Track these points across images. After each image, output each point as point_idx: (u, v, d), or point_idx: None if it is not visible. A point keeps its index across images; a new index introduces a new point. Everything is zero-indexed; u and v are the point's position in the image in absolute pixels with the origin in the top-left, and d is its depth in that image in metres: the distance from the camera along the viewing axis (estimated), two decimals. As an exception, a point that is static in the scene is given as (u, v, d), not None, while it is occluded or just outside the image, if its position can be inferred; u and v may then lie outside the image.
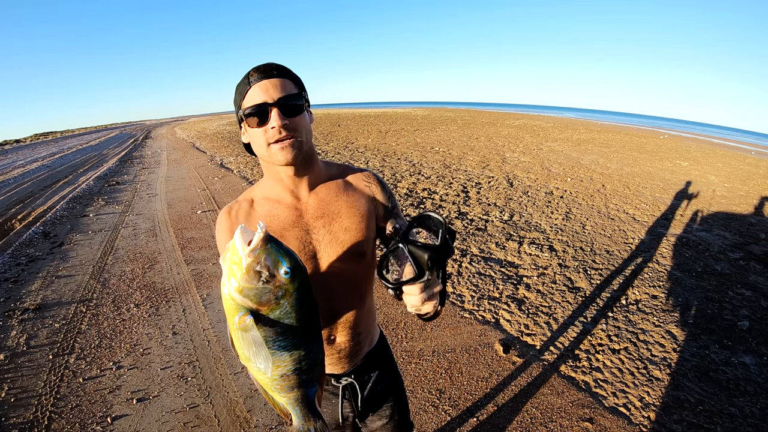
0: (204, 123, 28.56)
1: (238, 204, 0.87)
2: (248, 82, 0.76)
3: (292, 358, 0.63)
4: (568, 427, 1.89)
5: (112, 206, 5.99)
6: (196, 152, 11.85)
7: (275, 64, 0.78)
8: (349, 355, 0.95)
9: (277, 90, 0.74)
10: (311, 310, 0.64)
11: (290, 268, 0.58)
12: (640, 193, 6.04)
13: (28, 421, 1.96)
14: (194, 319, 2.81)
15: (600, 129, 17.22)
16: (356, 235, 0.86)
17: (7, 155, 15.89)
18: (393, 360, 1.10)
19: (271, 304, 0.58)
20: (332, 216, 0.85)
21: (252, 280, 0.56)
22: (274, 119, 0.73)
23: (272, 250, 0.57)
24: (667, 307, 2.92)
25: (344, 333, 0.92)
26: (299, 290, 0.60)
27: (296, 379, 0.66)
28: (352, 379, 0.97)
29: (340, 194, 0.88)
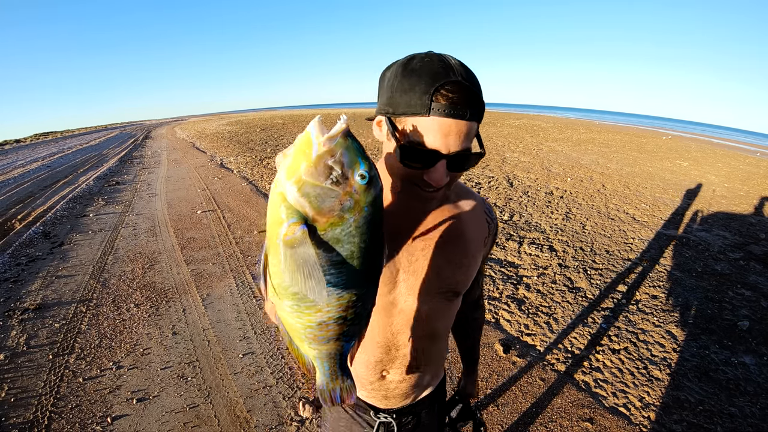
0: (204, 123, 28.56)
1: None
2: (429, 106, 0.53)
3: (339, 302, 0.49)
4: (568, 427, 1.89)
5: (112, 206, 5.98)
6: (196, 152, 11.85)
7: (472, 93, 0.54)
8: (399, 396, 0.82)
9: (459, 139, 0.55)
10: (378, 243, 0.50)
11: (367, 173, 0.45)
12: (640, 193, 6.04)
13: (28, 421, 1.96)
14: (194, 319, 2.81)
15: (600, 129, 17.22)
16: (457, 272, 0.72)
17: (7, 155, 15.89)
18: (443, 411, 0.98)
19: (333, 215, 0.45)
20: (437, 241, 0.70)
21: (319, 175, 0.43)
22: (437, 177, 0.57)
23: (352, 147, 0.45)
24: (667, 307, 2.92)
25: (400, 372, 0.79)
26: (371, 207, 0.47)
27: (336, 330, 0.52)
28: (392, 419, 0.85)
29: (455, 219, 0.71)
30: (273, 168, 8.12)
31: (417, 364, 0.79)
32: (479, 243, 0.75)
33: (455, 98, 0.53)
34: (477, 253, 0.75)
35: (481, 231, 0.75)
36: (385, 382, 0.81)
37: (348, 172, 0.44)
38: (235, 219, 4.99)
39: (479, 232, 0.75)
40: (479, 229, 0.75)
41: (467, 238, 0.73)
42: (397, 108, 0.57)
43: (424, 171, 0.58)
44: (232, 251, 3.97)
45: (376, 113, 0.64)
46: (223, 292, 3.17)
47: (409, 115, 0.56)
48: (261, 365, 2.33)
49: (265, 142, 12.80)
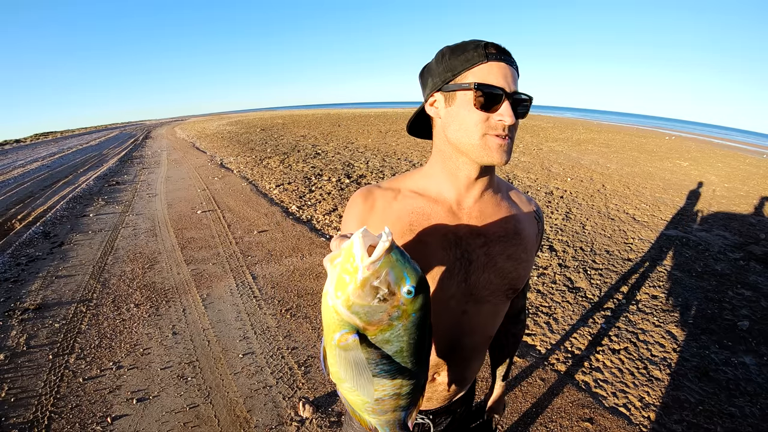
0: (204, 123, 28.56)
1: (380, 190, 0.72)
2: (485, 54, 0.61)
3: (393, 384, 0.54)
4: (568, 427, 1.89)
5: (112, 206, 5.99)
6: (196, 152, 11.85)
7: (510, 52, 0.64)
8: (442, 397, 0.82)
9: (515, 82, 0.62)
10: (425, 335, 0.54)
11: (414, 287, 0.47)
12: (640, 193, 6.04)
13: (28, 421, 1.96)
14: (194, 319, 2.81)
15: (600, 129, 17.23)
16: (518, 267, 0.72)
17: (7, 155, 15.89)
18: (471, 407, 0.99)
19: (382, 324, 0.49)
20: (496, 236, 0.70)
21: (366, 296, 0.46)
22: (507, 112, 0.60)
23: (397, 264, 0.47)
24: (667, 307, 2.92)
25: (451, 374, 0.78)
26: (419, 312, 0.50)
27: (393, 404, 0.57)
28: (429, 420, 0.85)
29: (510, 216, 0.72)
30: (272, 168, 8.12)
31: (467, 366, 0.80)
32: (533, 239, 0.76)
33: (501, 49, 0.63)
34: (532, 249, 0.76)
35: (532, 228, 0.76)
36: (434, 384, 0.80)
37: (395, 288, 0.47)
38: (235, 219, 4.99)
39: (532, 229, 0.76)
40: (531, 227, 0.76)
41: (523, 234, 0.73)
42: (456, 68, 0.63)
43: (494, 113, 0.61)
44: (232, 251, 3.97)
45: (426, 99, 0.69)
46: (223, 292, 3.17)
47: (468, 69, 0.62)
48: (261, 365, 2.33)
49: (265, 142, 12.81)
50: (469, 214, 0.70)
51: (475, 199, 0.70)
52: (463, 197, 0.70)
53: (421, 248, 0.67)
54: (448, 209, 0.69)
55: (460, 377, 0.80)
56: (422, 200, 0.70)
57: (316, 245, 4.06)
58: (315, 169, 7.69)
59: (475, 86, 0.60)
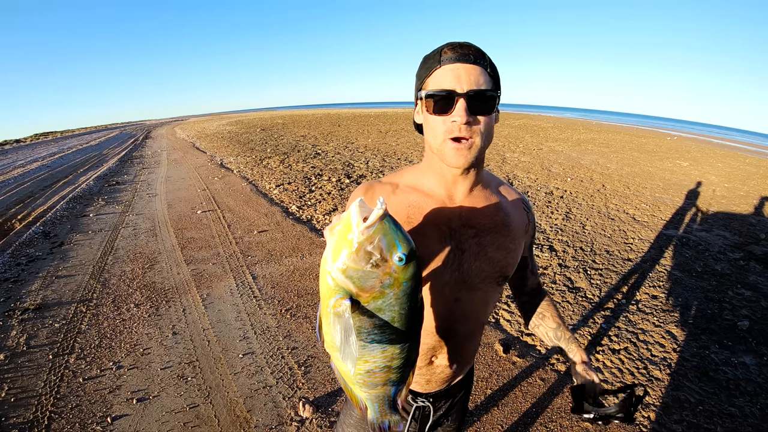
0: (204, 123, 28.56)
1: (380, 185, 0.77)
2: (439, 60, 0.65)
3: (383, 355, 0.57)
4: (568, 427, 1.89)
5: (112, 206, 5.99)
6: (196, 152, 11.85)
7: (474, 47, 0.66)
8: (441, 380, 0.86)
9: (470, 79, 0.63)
10: (416, 307, 0.57)
11: (405, 254, 0.50)
12: (640, 193, 6.04)
13: (28, 421, 1.96)
14: (194, 319, 2.81)
15: (600, 129, 17.23)
16: (507, 256, 0.77)
17: (7, 155, 15.89)
18: (470, 392, 1.02)
19: (374, 291, 0.51)
20: (486, 228, 0.75)
21: (360, 261, 0.49)
22: (458, 112, 0.63)
23: (390, 231, 0.50)
24: (667, 307, 2.92)
25: (448, 358, 0.83)
26: (410, 282, 0.53)
27: (383, 377, 0.60)
28: (429, 402, 0.89)
29: (499, 208, 0.77)
30: (272, 168, 8.12)
31: (463, 350, 0.84)
32: (521, 230, 0.81)
33: (458, 46, 0.65)
34: (520, 239, 0.81)
35: (521, 219, 0.81)
36: (432, 367, 0.84)
37: (387, 255, 0.50)
38: (235, 219, 4.99)
39: (520, 220, 0.81)
40: (520, 217, 0.81)
41: (511, 225, 0.78)
42: (422, 76, 0.69)
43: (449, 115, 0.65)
44: (232, 251, 3.97)
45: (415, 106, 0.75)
46: (223, 292, 3.17)
47: (429, 76, 0.67)
48: (261, 365, 2.33)
49: (265, 142, 12.81)
50: (460, 207, 0.74)
51: (465, 194, 0.75)
52: (453, 192, 0.74)
53: (419, 239, 0.71)
54: (441, 203, 0.74)
55: (458, 360, 0.85)
56: (417, 194, 0.75)
57: (316, 245, 4.06)
58: (315, 169, 7.69)
59: (426, 95, 0.66)
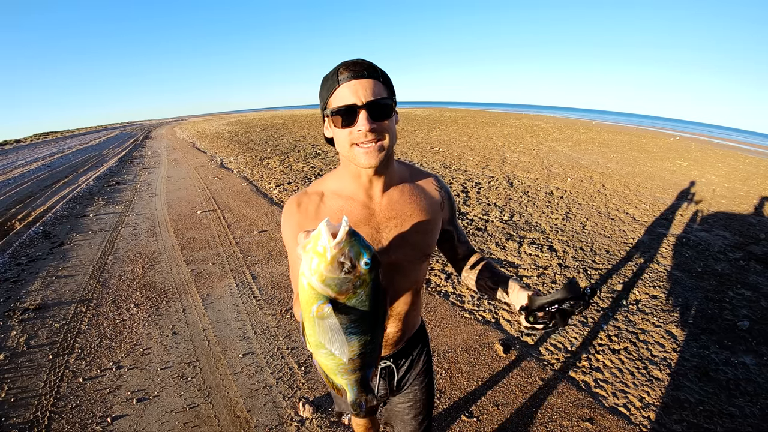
0: (204, 123, 28.56)
1: (307, 196, 0.87)
2: (337, 80, 0.75)
3: (360, 343, 0.67)
4: (568, 427, 1.89)
5: (112, 206, 5.99)
6: (196, 152, 11.85)
7: (366, 63, 0.76)
8: (394, 342, 0.99)
9: (367, 92, 0.74)
10: (381, 298, 0.68)
11: (370, 259, 0.61)
12: (640, 193, 6.04)
13: (28, 421, 1.96)
14: (194, 319, 2.81)
15: (600, 129, 17.22)
16: (425, 237, 0.90)
17: (7, 155, 15.88)
18: (428, 343, 1.13)
19: (349, 293, 0.62)
20: (404, 217, 0.87)
21: (335, 270, 0.59)
22: (361, 122, 0.74)
23: (356, 243, 0.60)
24: (667, 307, 2.92)
25: (395, 324, 0.97)
26: (375, 279, 0.64)
27: (360, 362, 0.70)
28: (390, 362, 1.02)
29: (413, 197, 0.89)
30: (272, 168, 8.12)
31: (405, 316, 0.98)
32: (436, 209, 0.93)
33: (351, 66, 0.75)
34: (437, 218, 0.93)
35: (434, 200, 0.93)
36: (385, 334, 0.95)
37: (356, 262, 0.60)
38: (235, 219, 4.99)
39: (434, 200, 0.93)
40: (433, 199, 0.93)
41: (426, 208, 0.90)
42: (323, 97, 0.79)
43: (354, 126, 0.74)
44: (232, 251, 3.97)
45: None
46: (223, 292, 3.17)
47: (330, 96, 0.76)
48: (261, 365, 2.33)
49: (265, 142, 12.81)
50: (380, 204, 0.86)
51: (382, 192, 0.86)
52: (371, 192, 0.85)
53: None
54: (363, 204, 0.85)
55: (402, 326, 0.99)
56: (342, 200, 0.85)
57: (316, 245, 4.05)
58: (315, 169, 7.69)
59: (332, 112, 0.76)
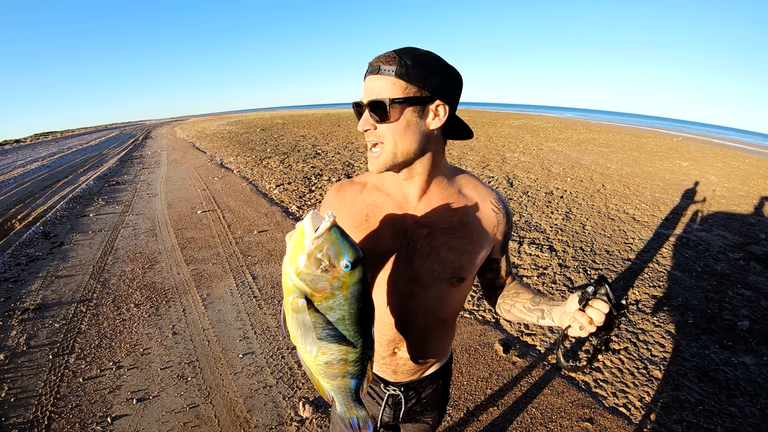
0: (204, 123, 28.55)
1: (350, 184, 0.83)
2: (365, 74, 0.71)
3: (338, 349, 0.64)
4: (568, 427, 1.89)
5: (112, 206, 5.99)
6: (196, 152, 11.85)
7: (390, 55, 0.66)
8: (407, 372, 0.90)
9: (372, 90, 0.68)
10: (365, 308, 0.64)
11: (351, 261, 0.57)
12: (640, 193, 6.04)
13: (28, 421, 1.96)
14: (194, 319, 2.81)
15: (600, 129, 17.22)
16: (461, 258, 0.77)
17: (7, 155, 15.88)
18: (448, 387, 1.03)
19: (325, 292, 0.59)
20: (440, 229, 0.76)
21: (311, 266, 0.57)
22: (361, 123, 0.70)
23: (337, 241, 0.57)
24: (667, 307, 2.92)
25: (409, 351, 0.86)
26: (356, 285, 0.60)
27: (341, 369, 0.67)
28: (400, 392, 0.92)
29: (458, 208, 0.78)
30: (272, 168, 8.12)
31: (425, 345, 0.87)
32: (485, 231, 0.80)
33: (375, 61, 0.68)
34: (483, 241, 0.80)
35: (487, 220, 0.80)
36: (396, 358, 0.87)
37: (335, 261, 0.57)
38: (235, 219, 4.99)
39: (485, 221, 0.80)
40: (485, 218, 0.80)
41: (471, 227, 0.78)
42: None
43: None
44: (232, 251, 3.97)
45: None
46: (223, 292, 3.17)
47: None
48: (261, 365, 2.33)
49: (265, 142, 12.80)
50: (415, 207, 0.77)
51: (420, 194, 0.77)
52: (407, 192, 0.77)
53: (373, 235, 0.78)
54: (397, 203, 0.78)
55: (420, 355, 0.87)
56: (378, 194, 0.79)
57: (316, 245, 4.05)
58: (315, 169, 7.69)
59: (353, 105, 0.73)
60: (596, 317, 0.66)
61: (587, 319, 0.67)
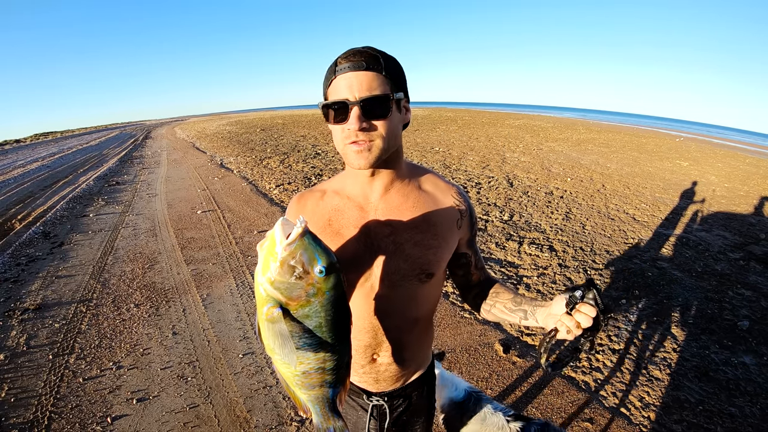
0: (204, 123, 28.55)
1: (310, 193, 0.83)
2: (334, 71, 0.68)
3: (316, 357, 0.62)
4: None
5: (112, 206, 5.99)
6: (196, 152, 11.85)
7: (369, 52, 0.67)
8: (389, 378, 0.88)
9: (362, 87, 0.66)
10: (342, 314, 0.62)
11: (325, 267, 0.56)
12: (640, 193, 6.04)
13: (28, 421, 1.96)
14: (194, 319, 2.81)
15: (600, 129, 17.22)
16: (426, 253, 0.77)
17: (7, 155, 15.89)
18: (433, 394, 1.02)
19: (301, 300, 0.57)
20: (402, 226, 0.76)
21: (285, 274, 0.55)
22: (352, 121, 0.66)
23: (309, 247, 0.55)
24: (667, 307, 2.92)
25: (388, 355, 0.85)
26: (332, 291, 0.58)
27: (319, 378, 0.65)
28: (384, 401, 0.90)
29: (419, 204, 0.78)
30: (272, 168, 8.12)
31: (402, 348, 0.85)
32: (449, 225, 0.80)
33: (351, 57, 0.67)
34: (448, 235, 0.80)
35: (449, 214, 0.81)
36: (376, 365, 0.86)
37: (308, 267, 0.55)
38: (235, 219, 4.99)
39: (447, 215, 0.80)
40: (447, 212, 0.80)
41: (434, 222, 0.79)
42: (324, 89, 0.72)
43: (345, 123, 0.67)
44: (232, 251, 3.97)
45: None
46: (223, 292, 3.17)
47: (327, 88, 0.70)
48: (261, 365, 2.33)
49: (265, 142, 12.80)
50: (376, 207, 0.77)
51: (381, 194, 0.77)
52: (368, 193, 0.77)
53: (338, 240, 0.78)
54: (358, 205, 0.78)
55: (399, 359, 0.86)
56: (339, 198, 0.80)
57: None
58: (315, 169, 7.69)
59: (323, 105, 0.69)
60: (583, 321, 0.68)
61: (575, 323, 0.68)
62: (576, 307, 0.69)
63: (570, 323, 0.68)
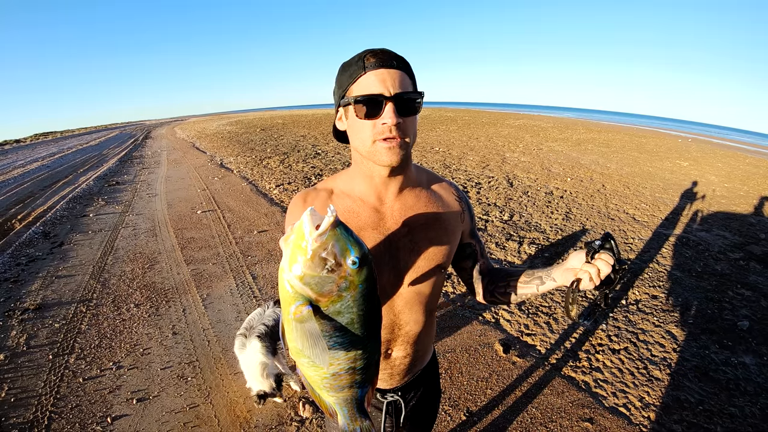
0: (204, 123, 28.54)
1: (315, 192, 0.81)
2: (363, 67, 0.68)
3: (347, 357, 0.59)
4: (568, 427, 1.89)
5: (112, 206, 5.98)
6: (196, 152, 11.85)
7: (395, 53, 0.69)
8: (402, 372, 0.90)
9: (395, 83, 0.67)
10: (374, 308, 0.59)
11: (358, 258, 0.52)
12: (640, 193, 6.04)
13: (28, 421, 1.96)
14: (194, 319, 2.81)
15: (600, 129, 17.22)
16: (441, 249, 0.81)
17: (7, 155, 15.88)
18: (438, 379, 1.05)
19: (332, 295, 0.53)
20: (417, 225, 0.79)
21: (316, 267, 0.51)
22: (388, 115, 0.66)
23: (342, 237, 0.52)
24: (667, 307, 2.92)
25: (403, 348, 0.86)
26: (365, 284, 0.55)
27: (349, 379, 0.61)
28: (398, 396, 0.92)
29: (429, 204, 0.82)
30: (272, 168, 8.12)
31: (415, 340, 0.87)
32: (455, 221, 0.86)
33: (380, 53, 0.68)
34: (456, 230, 0.86)
35: (454, 209, 0.86)
36: (391, 359, 0.88)
37: (341, 259, 0.52)
38: (235, 219, 4.99)
39: (453, 211, 0.85)
40: (452, 209, 0.85)
41: (443, 219, 0.83)
42: (344, 84, 0.71)
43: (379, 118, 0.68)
44: (232, 251, 3.97)
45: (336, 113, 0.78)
46: (223, 292, 3.17)
47: (353, 83, 0.69)
48: (261, 365, 2.32)
49: (265, 142, 12.80)
50: (391, 208, 0.79)
51: (395, 195, 0.79)
52: (383, 195, 0.78)
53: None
54: (372, 207, 0.78)
55: (413, 351, 0.88)
56: (350, 200, 0.79)
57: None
58: (315, 169, 7.69)
59: (355, 100, 0.68)
60: (603, 268, 0.73)
61: (596, 270, 0.73)
62: (595, 255, 0.74)
63: (592, 270, 0.73)
